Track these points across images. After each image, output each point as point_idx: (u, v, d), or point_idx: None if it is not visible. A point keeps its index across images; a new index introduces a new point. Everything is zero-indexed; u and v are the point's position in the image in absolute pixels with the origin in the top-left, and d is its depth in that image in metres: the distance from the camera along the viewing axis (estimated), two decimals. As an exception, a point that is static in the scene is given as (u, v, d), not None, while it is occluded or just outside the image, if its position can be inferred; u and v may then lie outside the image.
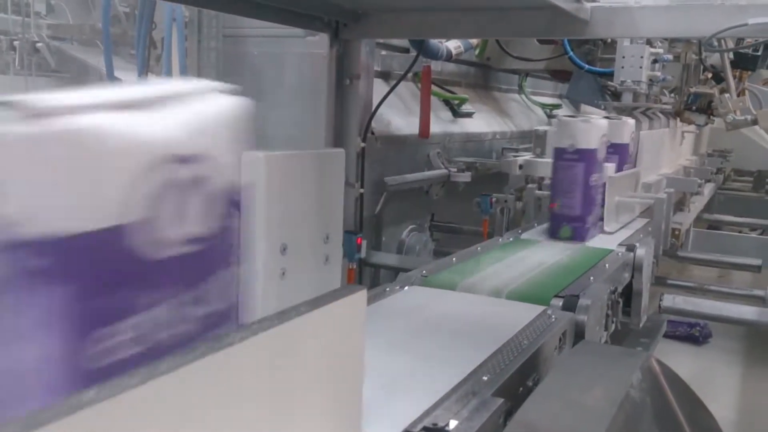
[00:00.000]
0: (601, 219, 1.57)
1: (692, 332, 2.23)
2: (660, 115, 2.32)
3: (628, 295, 1.31)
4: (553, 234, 1.50)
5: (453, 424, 0.59)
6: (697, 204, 2.32)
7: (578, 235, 1.48)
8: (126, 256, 0.39)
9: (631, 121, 1.82)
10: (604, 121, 1.56)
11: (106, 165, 0.39)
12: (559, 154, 1.49)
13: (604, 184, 1.56)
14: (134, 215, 0.39)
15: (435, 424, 0.59)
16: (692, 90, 2.33)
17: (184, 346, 0.38)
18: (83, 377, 0.37)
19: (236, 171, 0.51)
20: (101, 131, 0.38)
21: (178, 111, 0.44)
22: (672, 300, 1.52)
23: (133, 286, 0.40)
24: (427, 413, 0.61)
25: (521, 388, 0.76)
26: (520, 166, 1.90)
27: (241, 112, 0.51)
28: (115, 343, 0.39)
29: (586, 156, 1.47)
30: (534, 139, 2.07)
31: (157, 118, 0.42)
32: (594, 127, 1.49)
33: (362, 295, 0.53)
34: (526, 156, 1.99)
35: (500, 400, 0.64)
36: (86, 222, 0.37)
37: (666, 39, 2.07)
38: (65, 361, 0.37)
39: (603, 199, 1.56)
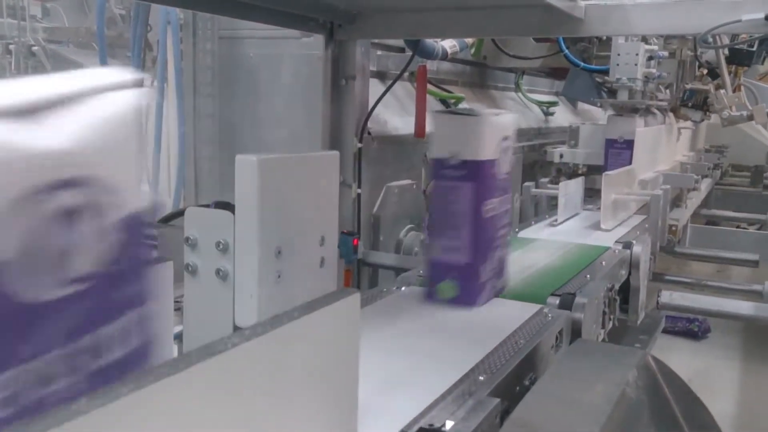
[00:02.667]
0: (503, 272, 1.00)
1: (691, 327, 2.24)
2: (656, 111, 2.32)
3: (625, 293, 1.31)
4: (429, 295, 0.95)
5: (449, 424, 0.59)
6: (694, 200, 2.33)
7: (466, 296, 0.92)
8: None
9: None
10: (512, 117, 1.01)
11: None
12: (438, 168, 0.91)
13: (507, 213, 0.99)
14: (6, 253, 0.33)
15: (431, 425, 0.59)
16: (688, 86, 2.33)
17: (70, 402, 0.30)
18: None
19: (137, 191, 0.40)
20: None
21: (65, 120, 0.34)
22: (670, 296, 1.52)
23: (8, 334, 0.34)
24: (423, 414, 0.62)
25: (518, 388, 0.76)
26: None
27: (140, 110, 0.40)
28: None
29: (476, 171, 0.89)
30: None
31: (32, 133, 0.32)
32: (489, 127, 0.91)
33: (356, 298, 0.53)
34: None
35: (496, 400, 0.64)
36: None
37: (661, 36, 2.07)
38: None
39: (590, 200, 1.48)
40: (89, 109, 0.36)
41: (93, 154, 0.36)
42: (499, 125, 0.94)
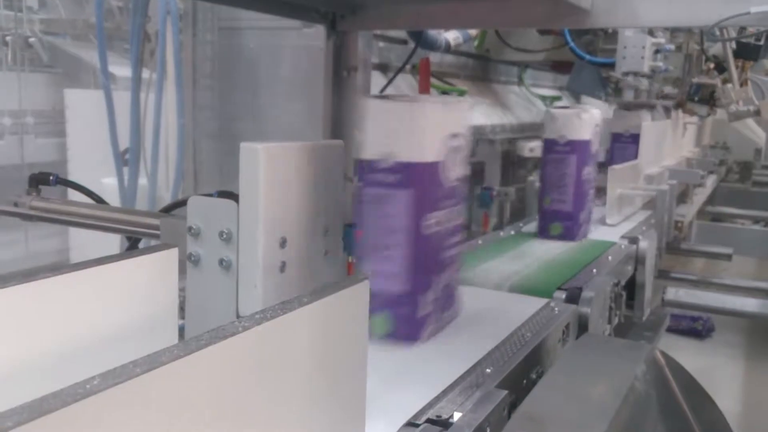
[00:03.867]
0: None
1: (695, 326, 2.23)
2: (661, 106, 2.31)
3: (631, 288, 1.30)
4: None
5: (457, 415, 0.58)
6: (699, 196, 2.31)
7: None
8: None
9: (595, 112, 1.53)
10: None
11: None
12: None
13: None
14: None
15: (439, 416, 0.58)
16: (694, 81, 2.32)
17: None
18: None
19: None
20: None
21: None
22: (675, 293, 1.51)
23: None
24: (430, 405, 0.61)
25: (525, 381, 0.75)
26: (531, 149, 1.89)
27: None
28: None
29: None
30: (538, 129, 2.07)
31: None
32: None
33: (365, 285, 0.52)
34: (536, 142, 2.00)
35: (504, 392, 0.63)
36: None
37: (667, 28, 2.05)
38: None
39: (595, 195, 1.51)
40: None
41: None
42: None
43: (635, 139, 1.92)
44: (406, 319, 0.76)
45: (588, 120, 1.41)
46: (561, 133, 1.37)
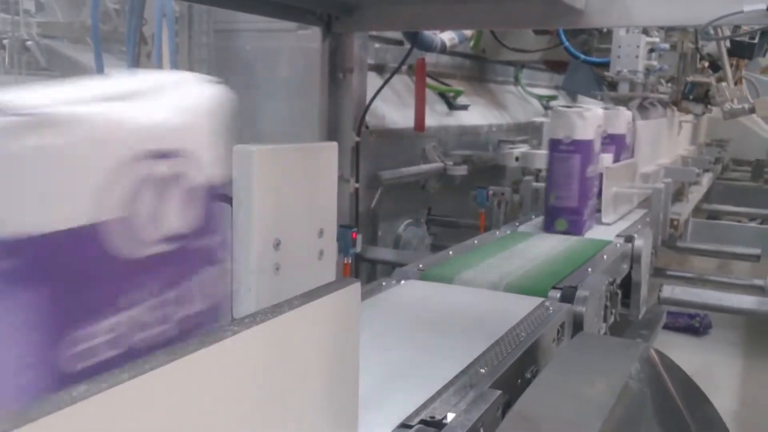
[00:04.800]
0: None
1: (692, 323, 2.23)
2: (657, 104, 2.31)
3: (627, 287, 1.30)
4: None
5: (450, 416, 0.58)
6: (695, 194, 2.32)
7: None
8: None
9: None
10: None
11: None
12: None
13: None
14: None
15: (432, 417, 0.58)
16: (689, 79, 2.32)
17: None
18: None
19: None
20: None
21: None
22: (671, 291, 1.51)
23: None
24: (424, 406, 0.61)
25: (519, 380, 0.75)
26: (517, 158, 1.89)
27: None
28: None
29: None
30: (531, 131, 2.06)
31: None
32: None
33: (356, 287, 0.52)
34: (523, 148, 1.97)
35: (498, 392, 0.63)
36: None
37: (662, 28, 2.06)
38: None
39: (599, 191, 1.54)
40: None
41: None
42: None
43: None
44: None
45: (592, 120, 1.47)
46: (566, 133, 1.44)
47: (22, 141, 0.34)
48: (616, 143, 1.71)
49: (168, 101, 0.42)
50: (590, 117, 1.47)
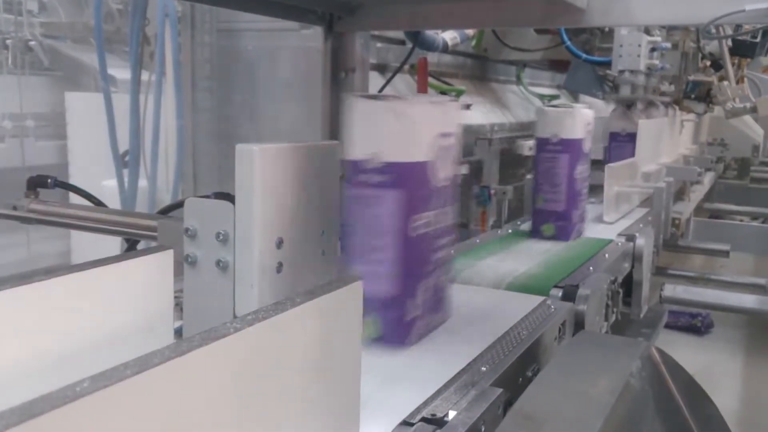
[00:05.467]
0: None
1: (694, 323, 2.23)
2: (659, 103, 2.31)
3: (628, 286, 1.31)
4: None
5: (452, 414, 0.59)
6: (697, 193, 2.31)
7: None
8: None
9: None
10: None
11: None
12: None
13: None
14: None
15: (434, 415, 0.58)
16: (691, 78, 2.32)
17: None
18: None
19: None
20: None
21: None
22: (673, 290, 1.51)
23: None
24: (425, 404, 0.61)
25: (520, 379, 0.75)
26: (530, 148, 1.88)
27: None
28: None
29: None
30: (532, 130, 2.06)
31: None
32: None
33: (358, 285, 0.52)
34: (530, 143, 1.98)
35: (499, 390, 0.64)
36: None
37: (663, 27, 2.06)
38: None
39: (593, 193, 1.48)
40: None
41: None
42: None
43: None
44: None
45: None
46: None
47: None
48: (571, 150, 1.39)
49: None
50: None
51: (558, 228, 1.35)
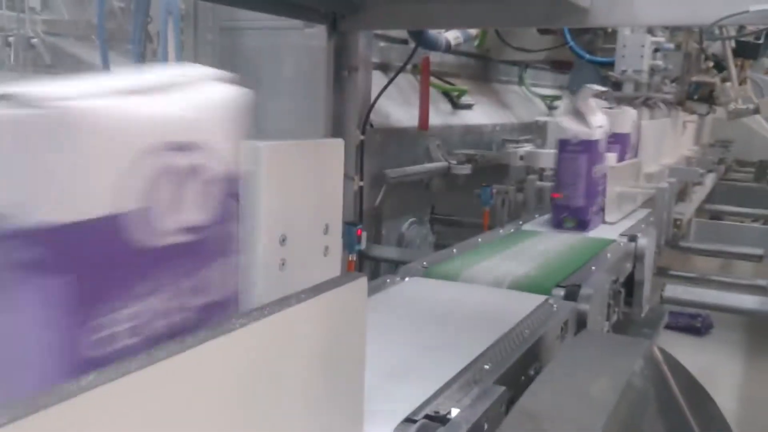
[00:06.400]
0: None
1: (693, 323, 2.23)
2: (661, 104, 2.31)
3: (630, 286, 1.31)
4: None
5: (455, 412, 0.59)
6: (699, 194, 2.31)
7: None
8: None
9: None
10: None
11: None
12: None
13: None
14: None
15: (437, 412, 0.58)
16: (694, 79, 2.32)
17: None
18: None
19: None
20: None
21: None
22: (674, 290, 1.51)
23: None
24: (428, 401, 0.61)
25: (523, 377, 0.75)
26: (521, 157, 1.89)
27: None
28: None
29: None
30: (535, 131, 2.06)
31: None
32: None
33: (363, 282, 0.52)
34: (527, 147, 1.98)
35: (502, 389, 0.64)
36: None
37: (667, 27, 2.06)
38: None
39: (605, 190, 1.56)
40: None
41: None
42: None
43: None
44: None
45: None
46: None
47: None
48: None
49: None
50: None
51: (578, 220, 1.52)
